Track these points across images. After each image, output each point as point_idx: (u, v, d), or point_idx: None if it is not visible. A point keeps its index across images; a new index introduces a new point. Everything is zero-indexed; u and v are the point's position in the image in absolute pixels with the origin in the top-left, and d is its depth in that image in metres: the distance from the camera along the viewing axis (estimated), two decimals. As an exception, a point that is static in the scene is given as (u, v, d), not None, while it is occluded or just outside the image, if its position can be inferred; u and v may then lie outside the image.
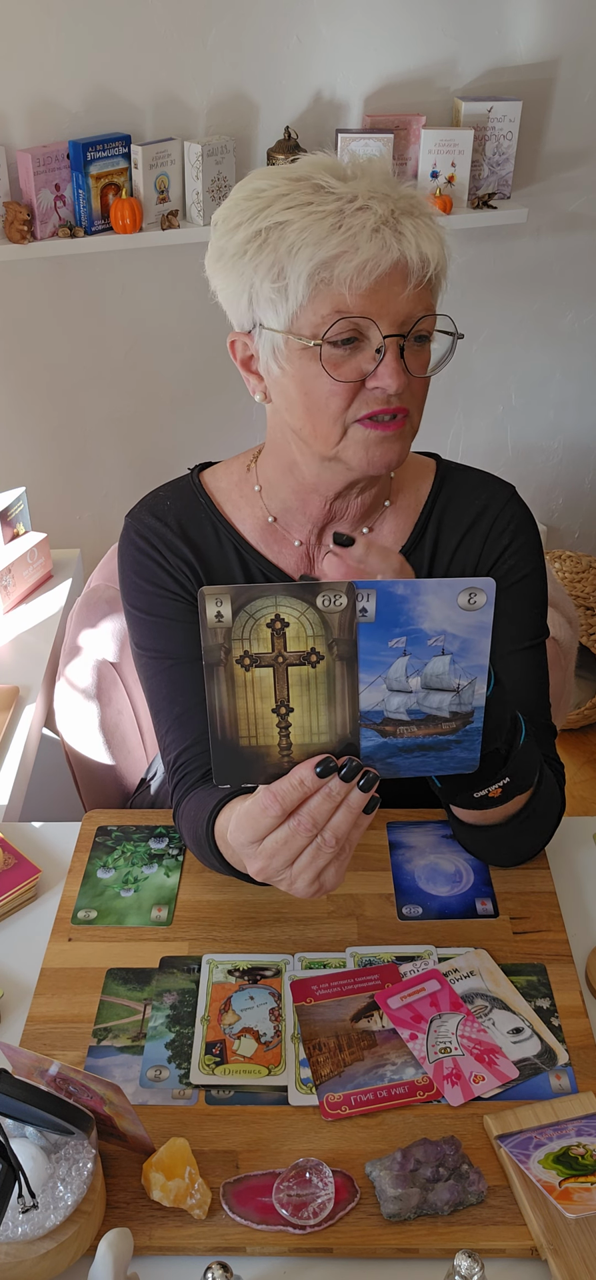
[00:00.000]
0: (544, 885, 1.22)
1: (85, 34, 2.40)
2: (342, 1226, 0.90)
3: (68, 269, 2.61)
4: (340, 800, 0.86)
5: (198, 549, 1.25)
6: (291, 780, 0.85)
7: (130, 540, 1.26)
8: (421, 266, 1.05)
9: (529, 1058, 1.03)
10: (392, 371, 1.06)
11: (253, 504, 1.26)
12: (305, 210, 1.04)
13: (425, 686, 0.84)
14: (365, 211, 1.04)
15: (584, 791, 2.74)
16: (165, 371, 2.81)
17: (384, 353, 1.06)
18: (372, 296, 1.05)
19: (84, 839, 1.30)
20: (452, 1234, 0.89)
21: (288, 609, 0.80)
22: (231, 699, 0.82)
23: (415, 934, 1.16)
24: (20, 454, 2.77)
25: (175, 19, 2.46)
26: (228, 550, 1.26)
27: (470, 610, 0.82)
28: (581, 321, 3.12)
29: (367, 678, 0.83)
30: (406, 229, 1.05)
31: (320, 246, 1.03)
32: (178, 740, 1.23)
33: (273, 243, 1.06)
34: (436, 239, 1.07)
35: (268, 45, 2.54)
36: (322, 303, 1.05)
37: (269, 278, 1.07)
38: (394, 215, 1.05)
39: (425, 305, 1.08)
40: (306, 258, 1.04)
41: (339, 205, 1.04)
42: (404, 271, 1.05)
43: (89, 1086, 0.89)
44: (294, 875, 0.89)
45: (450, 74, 2.70)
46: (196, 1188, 0.90)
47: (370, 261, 1.03)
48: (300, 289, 1.05)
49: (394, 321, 1.06)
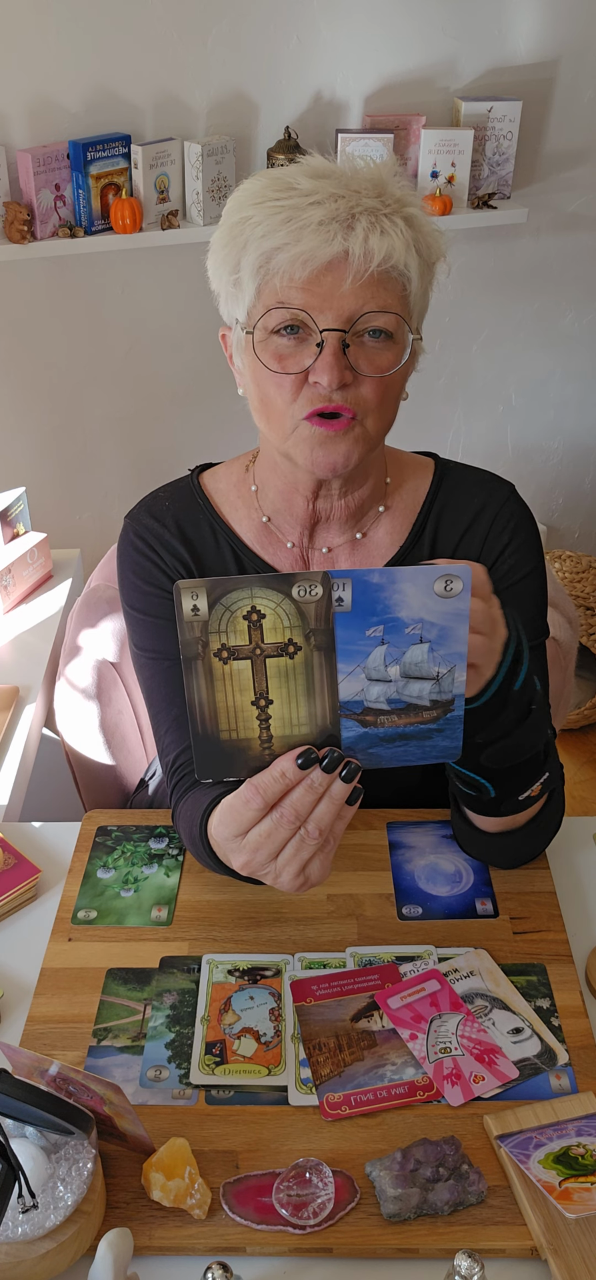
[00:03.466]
0: (544, 885, 1.22)
1: (85, 34, 2.40)
2: (342, 1226, 0.90)
3: (68, 269, 2.61)
4: (322, 791, 0.86)
5: (195, 550, 1.25)
6: (273, 773, 0.85)
7: (129, 541, 1.27)
8: (364, 260, 1.03)
9: (529, 1058, 1.03)
10: (328, 366, 1.05)
11: (249, 505, 1.26)
12: (266, 207, 1.05)
13: (404, 675, 0.84)
14: (320, 205, 1.03)
15: (584, 791, 2.74)
16: (165, 371, 2.81)
17: (323, 347, 1.05)
18: (312, 289, 1.04)
19: (84, 839, 1.30)
20: (452, 1234, 0.89)
21: (263, 600, 0.80)
22: (210, 693, 0.82)
23: (415, 934, 1.16)
24: (20, 454, 2.77)
25: (175, 19, 2.46)
26: (225, 551, 1.26)
27: (447, 597, 0.82)
28: (581, 321, 3.11)
29: (346, 667, 0.83)
30: (360, 225, 1.03)
31: (266, 238, 1.04)
32: (176, 741, 1.23)
33: (235, 236, 1.07)
34: (400, 238, 1.04)
35: (268, 45, 2.54)
36: (268, 295, 1.06)
37: (230, 271, 1.09)
38: (352, 212, 1.03)
39: (378, 302, 1.06)
40: (254, 249, 1.05)
41: (298, 200, 1.03)
42: (344, 263, 1.03)
43: (89, 1086, 0.89)
44: (278, 868, 0.89)
45: (450, 74, 2.70)
46: (196, 1188, 0.90)
47: (306, 252, 1.02)
48: (249, 283, 1.07)
49: (336, 316, 1.05)
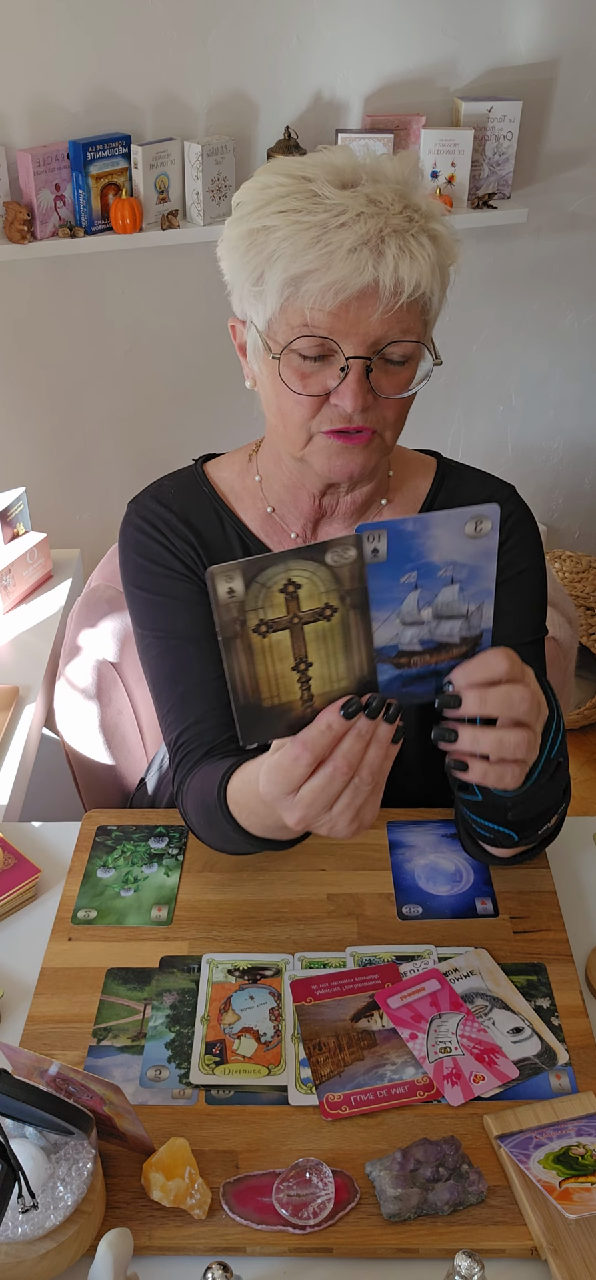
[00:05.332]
0: (544, 885, 1.22)
1: (85, 34, 2.40)
2: (343, 1226, 0.90)
3: (68, 269, 2.61)
4: (370, 737, 0.87)
5: (201, 535, 1.26)
6: (319, 727, 0.86)
7: (132, 524, 1.27)
8: (394, 291, 1.03)
9: (529, 1057, 1.03)
10: (353, 394, 1.06)
11: (253, 495, 1.28)
12: (292, 218, 1.04)
13: (436, 616, 0.85)
14: (349, 228, 1.02)
15: (584, 791, 2.73)
16: (165, 371, 2.81)
17: (347, 372, 1.06)
18: (340, 316, 1.04)
19: (84, 839, 1.30)
20: (452, 1234, 0.89)
21: (299, 571, 0.81)
22: (251, 666, 0.83)
23: (415, 933, 1.16)
24: (20, 454, 2.77)
25: (175, 19, 2.46)
26: (231, 538, 1.26)
27: (477, 538, 0.83)
28: (581, 321, 3.11)
29: (381, 615, 0.84)
30: (389, 250, 1.02)
31: (295, 259, 1.03)
32: (180, 719, 1.23)
33: (259, 245, 1.06)
34: (426, 261, 1.05)
35: (268, 45, 2.54)
36: (293, 314, 1.06)
37: (251, 279, 1.08)
38: (381, 234, 1.03)
39: (402, 328, 1.07)
40: (281, 269, 1.04)
41: (325, 218, 1.03)
42: (374, 294, 1.03)
43: (89, 1086, 0.89)
44: (334, 818, 0.90)
45: (450, 74, 2.70)
46: (196, 1188, 0.90)
47: (338, 283, 1.02)
48: (273, 298, 1.06)
49: (361, 343, 1.05)
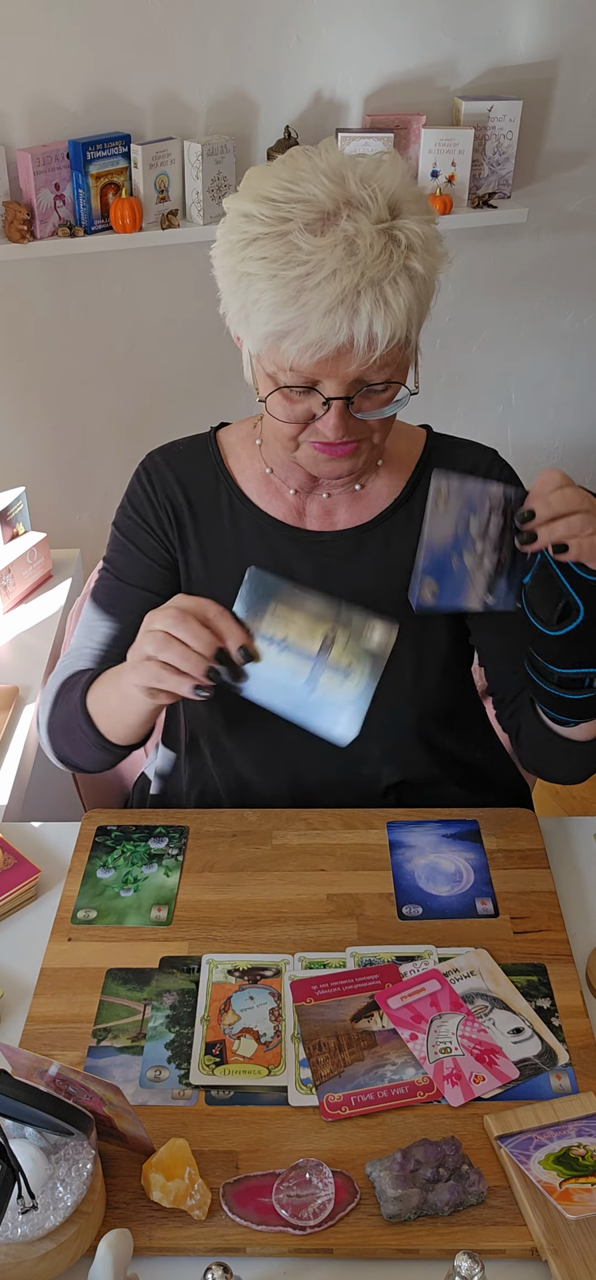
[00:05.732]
0: (544, 885, 1.22)
1: (85, 34, 2.40)
2: (342, 1227, 0.90)
3: (68, 269, 2.61)
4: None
5: (191, 493, 1.34)
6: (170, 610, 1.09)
7: (137, 472, 1.37)
8: (368, 347, 1.09)
9: (529, 1058, 1.03)
10: (334, 426, 1.14)
11: (254, 457, 1.34)
12: (270, 269, 1.08)
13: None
14: (323, 288, 1.06)
15: (584, 791, 2.73)
16: (165, 371, 2.81)
17: (328, 408, 1.13)
18: (319, 367, 1.11)
19: (84, 839, 1.30)
20: (453, 1234, 0.89)
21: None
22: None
23: (415, 934, 1.16)
24: (20, 454, 2.77)
25: (175, 19, 2.46)
26: (222, 498, 1.33)
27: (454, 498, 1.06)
28: (581, 321, 3.11)
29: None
30: (364, 306, 1.07)
31: (275, 314, 1.08)
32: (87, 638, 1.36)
33: (244, 286, 1.11)
34: (402, 309, 1.09)
35: (268, 45, 2.54)
36: (277, 356, 1.12)
37: (240, 313, 1.14)
38: (357, 288, 1.06)
39: (381, 366, 1.12)
40: (262, 321, 1.10)
41: (302, 275, 1.07)
42: (350, 350, 1.09)
43: (88, 1087, 0.89)
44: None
45: (450, 74, 2.70)
46: (196, 1188, 0.90)
47: (314, 345, 1.08)
48: (257, 341, 1.13)
49: (341, 384, 1.12)
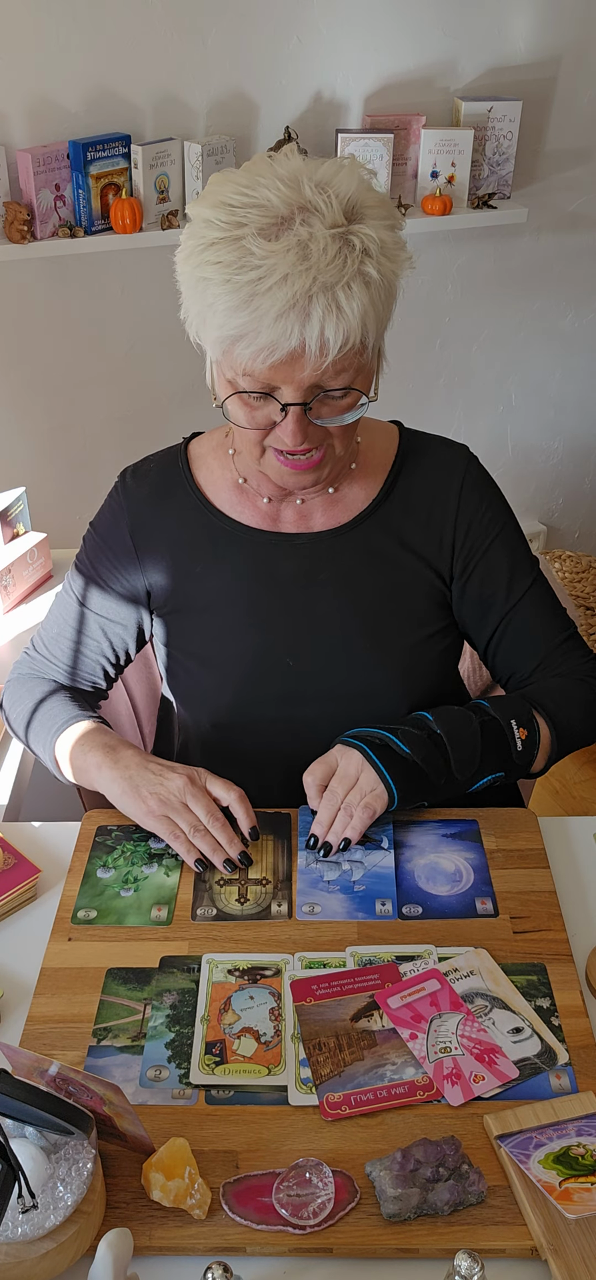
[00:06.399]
0: (544, 885, 1.22)
1: (85, 34, 2.40)
2: (343, 1227, 0.90)
3: (68, 269, 2.61)
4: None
5: (161, 511, 1.35)
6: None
7: (111, 494, 1.40)
8: (319, 352, 1.09)
9: (529, 1057, 1.03)
10: (292, 433, 1.16)
11: (226, 466, 1.35)
12: (224, 273, 1.09)
13: None
14: (275, 293, 1.07)
15: (584, 791, 2.73)
16: (165, 371, 2.81)
17: (286, 413, 1.14)
18: (275, 370, 1.11)
19: (84, 839, 1.30)
20: (452, 1234, 0.89)
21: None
22: None
23: (415, 933, 1.16)
24: (20, 454, 2.77)
25: (175, 19, 2.46)
26: (191, 514, 1.34)
27: None
28: (581, 321, 3.11)
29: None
30: (316, 311, 1.07)
31: (228, 319, 1.09)
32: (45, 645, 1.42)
33: (200, 290, 1.13)
34: (355, 314, 1.09)
35: (268, 45, 2.54)
36: (234, 360, 1.13)
37: (198, 319, 1.15)
38: (309, 293, 1.07)
39: (337, 372, 1.13)
40: (217, 325, 1.11)
41: (254, 279, 1.08)
42: (302, 355, 1.10)
43: (88, 1087, 0.89)
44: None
45: (450, 74, 2.70)
46: (196, 1188, 0.90)
47: (266, 348, 1.09)
48: (214, 346, 1.14)
49: (297, 390, 1.13)
